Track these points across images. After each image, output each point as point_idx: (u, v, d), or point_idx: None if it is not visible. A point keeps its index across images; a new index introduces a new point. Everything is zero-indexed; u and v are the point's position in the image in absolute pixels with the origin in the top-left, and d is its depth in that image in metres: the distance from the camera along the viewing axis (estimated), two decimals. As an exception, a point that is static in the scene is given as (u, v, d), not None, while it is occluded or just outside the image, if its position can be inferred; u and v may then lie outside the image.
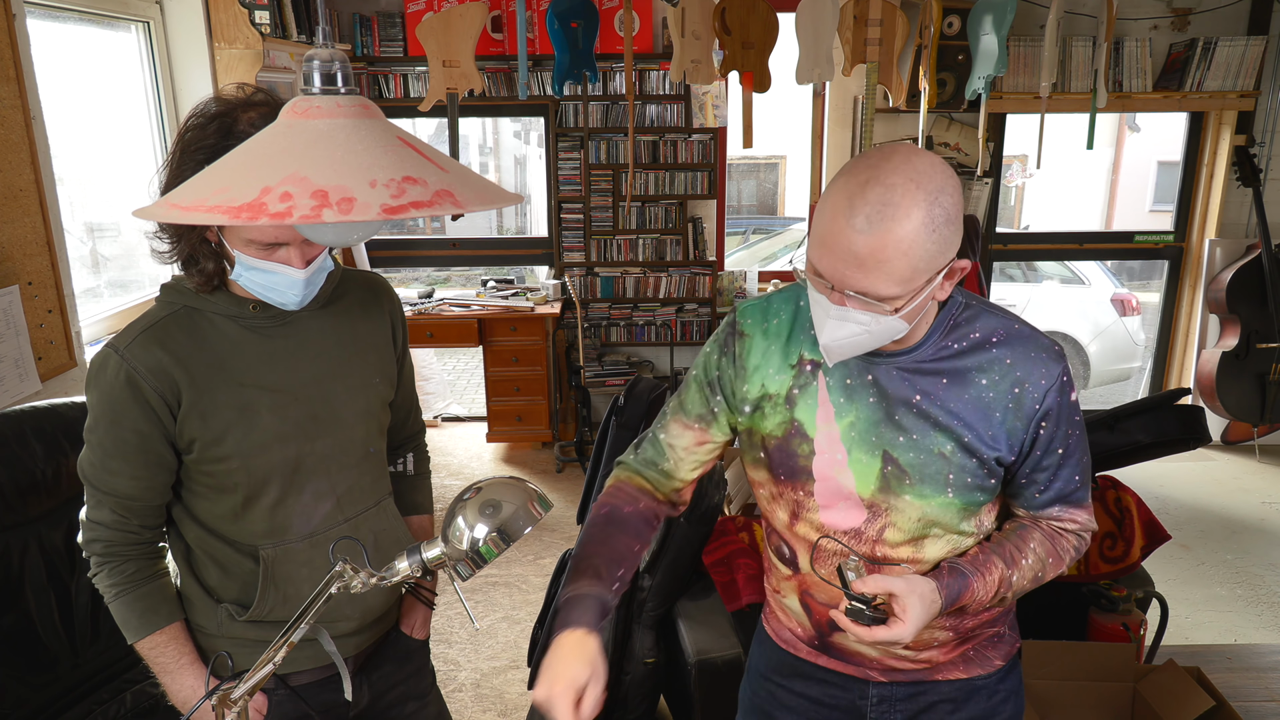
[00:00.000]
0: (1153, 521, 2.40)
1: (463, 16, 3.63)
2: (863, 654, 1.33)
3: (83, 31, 3.14)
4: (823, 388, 1.23)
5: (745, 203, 12.25)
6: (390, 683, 1.55)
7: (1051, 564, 1.26)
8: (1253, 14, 4.62)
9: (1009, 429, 1.19)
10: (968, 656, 1.35)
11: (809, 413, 1.23)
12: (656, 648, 2.48)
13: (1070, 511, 1.27)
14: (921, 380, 1.19)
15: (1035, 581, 1.25)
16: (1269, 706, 2.22)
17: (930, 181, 1.05)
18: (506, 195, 0.86)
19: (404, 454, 1.66)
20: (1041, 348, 1.20)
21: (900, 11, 3.84)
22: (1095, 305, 6.34)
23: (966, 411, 1.18)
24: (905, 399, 1.19)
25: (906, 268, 1.05)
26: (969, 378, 1.19)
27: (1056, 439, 1.21)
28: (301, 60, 0.87)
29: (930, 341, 1.20)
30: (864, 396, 1.21)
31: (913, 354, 1.20)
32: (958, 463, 1.19)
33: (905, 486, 1.20)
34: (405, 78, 4.83)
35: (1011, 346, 1.20)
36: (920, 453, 1.19)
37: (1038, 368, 1.19)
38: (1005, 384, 1.18)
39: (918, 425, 1.19)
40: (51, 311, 2.54)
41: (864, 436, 1.21)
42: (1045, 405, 1.18)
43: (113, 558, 1.32)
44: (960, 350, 1.20)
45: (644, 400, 2.79)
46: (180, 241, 1.27)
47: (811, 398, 1.23)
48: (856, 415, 1.21)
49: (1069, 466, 1.24)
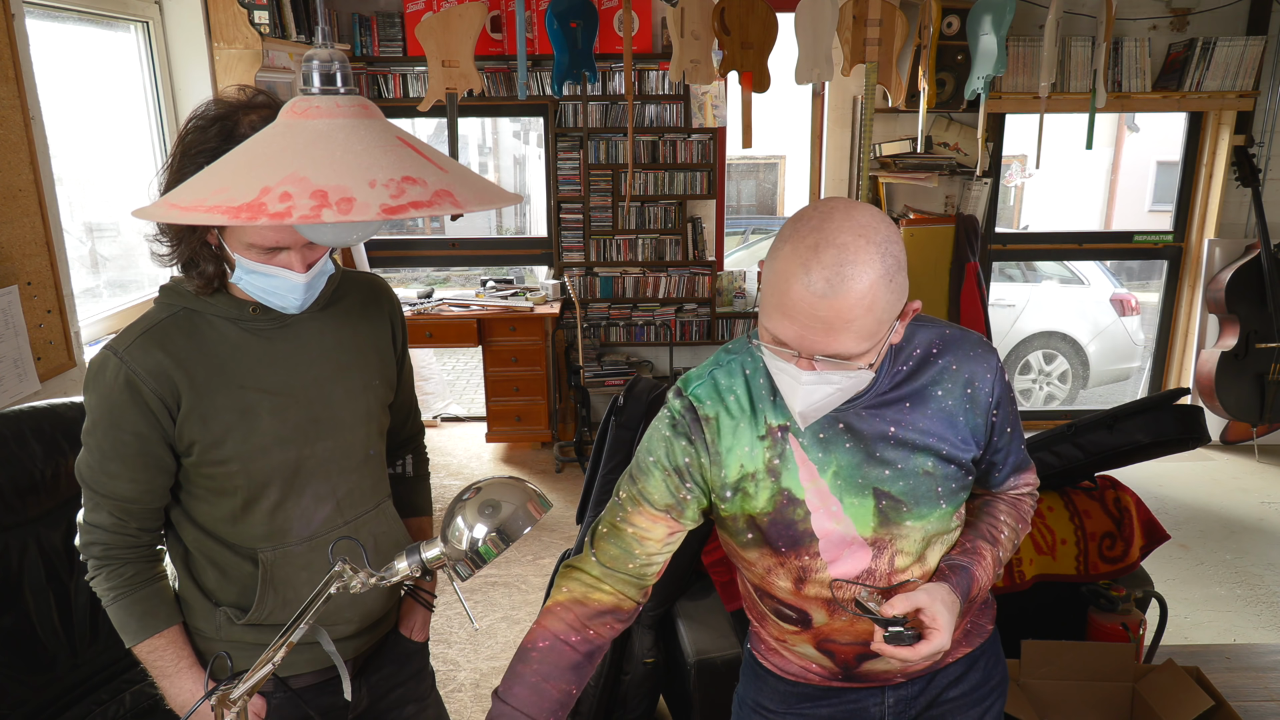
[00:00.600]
0: (1152, 521, 2.41)
1: (462, 16, 3.63)
2: (889, 671, 1.34)
3: (82, 31, 3.14)
4: (797, 449, 1.22)
5: (744, 203, 12.25)
6: (389, 685, 1.55)
7: (1020, 529, 1.35)
8: (1252, 14, 4.62)
9: (972, 427, 1.25)
10: (967, 630, 1.39)
11: (793, 477, 1.22)
12: (656, 648, 2.48)
13: (1023, 477, 1.37)
14: (889, 411, 1.21)
15: (1013, 548, 1.34)
16: (1268, 706, 2.22)
17: (876, 234, 1.05)
18: (506, 195, 0.86)
19: (403, 456, 1.66)
20: (975, 343, 1.27)
21: (899, 11, 3.84)
22: (1094, 305, 6.34)
23: (935, 425, 1.22)
24: (881, 434, 1.21)
25: (872, 322, 1.06)
26: (927, 393, 1.23)
27: (1005, 420, 1.29)
28: (301, 60, 0.87)
29: (883, 373, 1.21)
30: (839, 444, 1.21)
31: (872, 390, 1.21)
32: (941, 474, 1.23)
33: (904, 514, 1.22)
34: (404, 78, 4.83)
35: (951, 352, 1.25)
36: (908, 479, 1.21)
37: (979, 364, 1.25)
38: (958, 389, 1.23)
39: (899, 454, 1.21)
40: (51, 312, 2.54)
41: (850, 481, 1.21)
42: (995, 395, 1.25)
43: (111, 561, 1.31)
44: (910, 371, 1.23)
45: (643, 400, 2.79)
46: (180, 244, 1.26)
47: (791, 462, 1.22)
48: (838, 464, 1.21)
49: (1015, 439, 1.33)
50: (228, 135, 1.20)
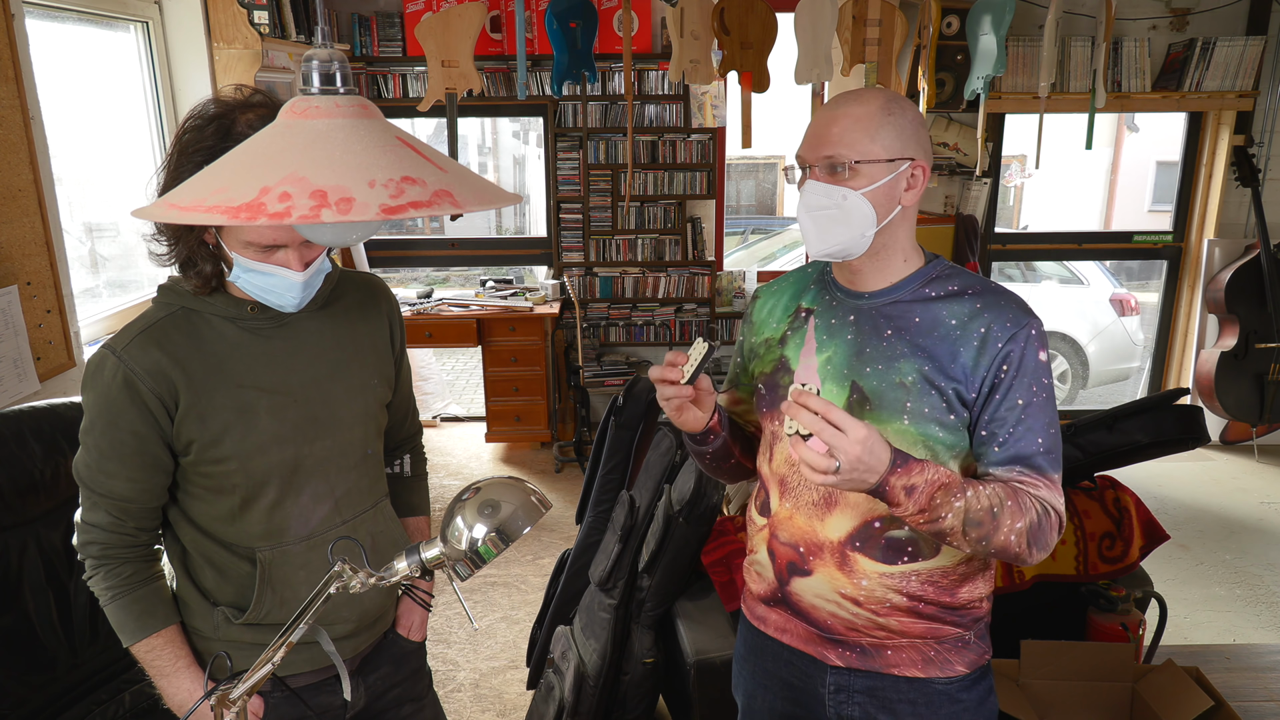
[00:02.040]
0: (1151, 521, 2.41)
1: (461, 16, 3.62)
2: (818, 610, 1.35)
3: (81, 31, 3.14)
4: (811, 329, 1.36)
5: (744, 203, 12.25)
6: (387, 685, 1.55)
7: (1010, 508, 1.18)
8: (1251, 14, 4.62)
9: (971, 364, 1.24)
10: (927, 656, 1.34)
11: (795, 350, 1.36)
12: (655, 648, 2.48)
13: (1031, 475, 1.23)
14: (897, 318, 1.29)
15: (992, 518, 1.17)
16: (1267, 706, 2.22)
17: (892, 93, 1.27)
18: (505, 195, 0.86)
19: (401, 455, 1.66)
20: (1013, 302, 1.28)
21: (899, 11, 3.84)
22: (1094, 305, 6.34)
23: (931, 345, 1.26)
24: (878, 333, 1.29)
25: (863, 135, 1.23)
26: (939, 316, 1.28)
27: (1016, 388, 1.24)
28: (300, 60, 0.87)
29: (909, 286, 1.31)
30: (843, 334, 1.32)
31: (892, 293, 1.31)
32: (916, 391, 1.25)
33: (865, 413, 1.27)
34: (404, 78, 4.83)
35: (984, 296, 1.28)
36: (882, 381, 1.27)
37: (1005, 313, 1.26)
38: (973, 325, 1.25)
39: (883, 356, 1.28)
40: (50, 312, 2.54)
41: (838, 370, 1.31)
42: (1008, 348, 1.23)
43: (108, 560, 1.31)
44: (936, 296, 1.30)
45: (643, 400, 2.79)
46: (178, 244, 1.26)
47: (800, 337, 1.36)
48: (834, 350, 1.32)
49: (1028, 425, 1.23)
50: (225, 134, 1.20)
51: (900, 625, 1.33)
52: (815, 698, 1.41)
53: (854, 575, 1.31)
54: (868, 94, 1.26)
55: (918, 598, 1.31)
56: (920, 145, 1.27)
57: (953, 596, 1.33)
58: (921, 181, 1.27)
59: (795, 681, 1.44)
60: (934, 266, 1.32)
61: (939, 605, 1.32)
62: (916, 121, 1.27)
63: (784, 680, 1.46)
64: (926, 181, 1.28)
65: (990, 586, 1.39)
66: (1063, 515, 1.26)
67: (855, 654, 1.36)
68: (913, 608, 1.31)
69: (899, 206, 1.27)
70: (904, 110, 1.26)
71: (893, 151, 1.25)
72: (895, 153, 1.25)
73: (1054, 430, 1.26)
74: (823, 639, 1.38)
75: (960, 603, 1.34)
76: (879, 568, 1.30)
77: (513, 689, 3.00)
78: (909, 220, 1.31)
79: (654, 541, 2.40)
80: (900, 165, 1.25)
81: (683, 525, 2.35)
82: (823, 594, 1.35)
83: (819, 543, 1.33)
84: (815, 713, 1.42)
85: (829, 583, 1.34)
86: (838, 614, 1.34)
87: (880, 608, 1.32)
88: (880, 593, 1.31)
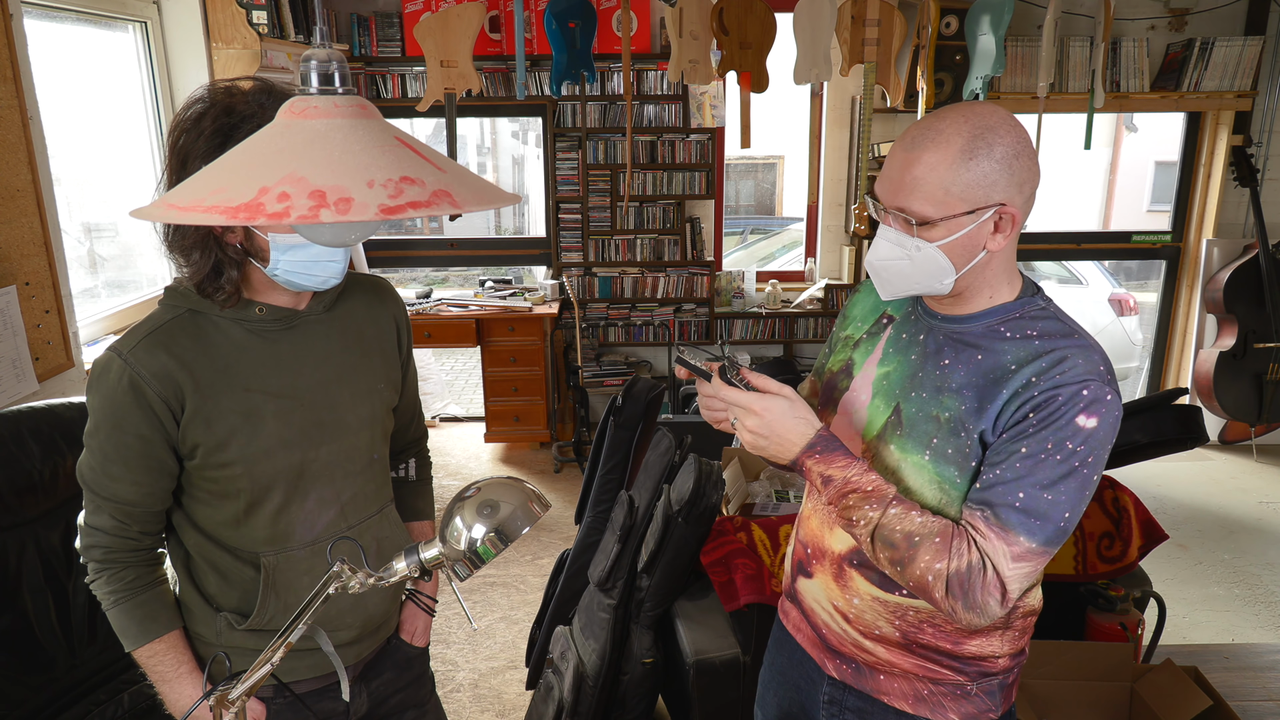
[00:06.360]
0: (1150, 521, 2.41)
1: (460, 16, 3.63)
2: (816, 615, 1.36)
3: (80, 31, 3.14)
4: (884, 340, 1.31)
5: (743, 203, 12.25)
6: (389, 690, 1.54)
7: (935, 545, 1.10)
8: (1250, 14, 4.63)
9: (1003, 405, 1.12)
10: (919, 694, 1.29)
11: (863, 356, 1.32)
12: (654, 648, 2.48)
13: (988, 526, 1.10)
14: (961, 350, 1.20)
15: (910, 545, 1.11)
16: (1267, 706, 2.22)
17: (981, 120, 1.11)
18: (504, 195, 0.86)
19: (406, 459, 1.65)
20: (1083, 357, 1.10)
21: (898, 11, 3.84)
22: (1093, 305, 6.34)
23: (982, 386, 1.14)
24: (937, 359, 1.22)
25: (938, 187, 1.10)
26: (1001, 360, 1.15)
27: (1031, 439, 1.09)
28: (299, 60, 0.87)
29: (984, 320, 1.20)
30: (908, 353, 1.26)
31: (965, 323, 1.21)
32: (947, 430, 1.17)
33: (894, 436, 1.23)
34: (403, 78, 4.83)
35: (1055, 343, 1.13)
36: (920, 411, 1.20)
37: (1065, 366, 1.09)
38: (1027, 369, 1.11)
39: (932, 385, 1.20)
40: (49, 312, 2.54)
41: (890, 389, 1.26)
42: (1044, 397, 1.08)
43: (111, 564, 1.30)
44: (1009, 336, 1.17)
45: (642, 400, 2.79)
46: (203, 255, 1.23)
47: (873, 345, 1.32)
48: (894, 367, 1.27)
49: (1020, 475, 1.09)
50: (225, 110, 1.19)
51: (888, 654, 1.28)
52: (812, 703, 1.41)
53: (847, 591, 1.30)
54: (951, 130, 1.10)
55: (911, 635, 1.25)
56: (1013, 183, 1.11)
57: (955, 645, 1.25)
58: (1013, 225, 1.13)
59: (800, 683, 1.44)
60: (1021, 304, 1.19)
61: (935, 650, 1.25)
62: (1009, 155, 1.10)
63: (791, 680, 1.45)
64: (1021, 224, 1.14)
65: (1015, 646, 1.28)
66: (1007, 583, 1.09)
67: (850, 670, 1.34)
68: (903, 643, 1.26)
69: (984, 252, 1.15)
70: (992, 145, 1.09)
71: (975, 201, 1.10)
72: (978, 202, 1.10)
73: (1050, 497, 1.09)
74: (823, 646, 1.37)
75: (966, 654, 1.25)
76: (874, 591, 1.27)
77: (512, 689, 3.00)
78: (998, 260, 1.17)
79: (653, 541, 2.40)
80: (984, 214, 1.11)
81: (682, 525, 2.35)
82: (819, 600, 1.35)
83: (823, 549, 1.33)
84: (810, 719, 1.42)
85: (824, 591, 1.34)
86: (830, 625, 1.34)
87: (869, 630, 1.29)
88: (870, 616, 1.28)
